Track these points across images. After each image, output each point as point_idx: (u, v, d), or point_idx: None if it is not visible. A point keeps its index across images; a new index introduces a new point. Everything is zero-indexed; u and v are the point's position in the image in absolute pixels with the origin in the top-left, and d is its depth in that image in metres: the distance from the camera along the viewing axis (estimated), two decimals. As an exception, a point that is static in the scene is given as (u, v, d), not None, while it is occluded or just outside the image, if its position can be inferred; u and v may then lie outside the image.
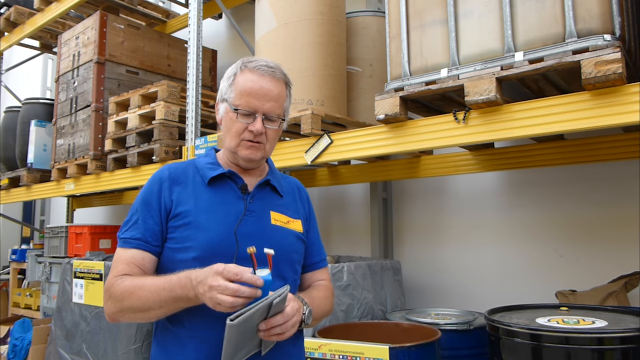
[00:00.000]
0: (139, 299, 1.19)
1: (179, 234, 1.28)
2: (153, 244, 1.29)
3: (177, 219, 1.29)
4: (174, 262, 1.27)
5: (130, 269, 1.26)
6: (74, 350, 3.03)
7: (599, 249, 2.51)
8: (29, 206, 7.16)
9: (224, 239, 1.27)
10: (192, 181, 1.35)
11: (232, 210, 1.32)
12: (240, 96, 1.32)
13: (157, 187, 1.33)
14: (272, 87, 1.34)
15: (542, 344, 1.61)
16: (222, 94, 1.37)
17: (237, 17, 4.27)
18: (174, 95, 3.22)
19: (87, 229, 4.02)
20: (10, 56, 6.75)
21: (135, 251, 1.28)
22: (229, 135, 1.35)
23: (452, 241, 3.07)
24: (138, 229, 1.29)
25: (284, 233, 1.37)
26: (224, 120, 1.36)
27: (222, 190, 1.35)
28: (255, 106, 1.31)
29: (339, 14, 2.64)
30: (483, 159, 2.69)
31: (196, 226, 1.27)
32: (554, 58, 1.61)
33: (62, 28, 4.85)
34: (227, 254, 1.25)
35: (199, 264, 1.19)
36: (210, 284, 1.07)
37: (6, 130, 4.91)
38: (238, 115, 1.31)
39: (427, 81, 1.89)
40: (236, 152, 1.35)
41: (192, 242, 1.26)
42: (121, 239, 1.30)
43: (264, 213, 1.36)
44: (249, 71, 1.34)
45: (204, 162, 1.40)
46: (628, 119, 1.52)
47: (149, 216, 1.30)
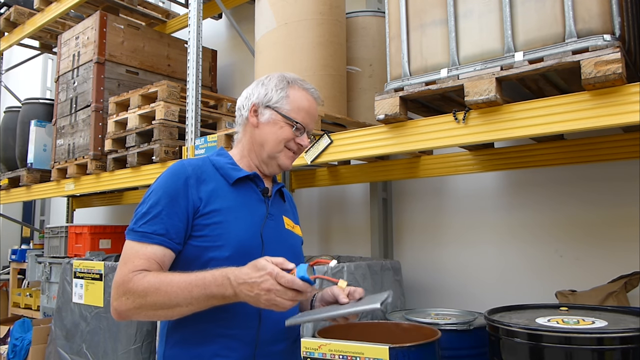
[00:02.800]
0: (167, 295, 1.15)
1: (210, 232, 1.28)
2: (176, 242, 1.26)
3: (208, 217, 1.29)
4: (204, 260, 1.26)
5: (149, 264, 1.22)
6: (74, 350, 3.03)
7: (599, 249, 2.51)
8: (29, 206, 7.16)
9: (252, 240, 1.31)
10: (214, 180, 1.35)
11: (256, 212, 1.37)
12: (298, 111, 1.41)
13: (183, 182, 1.30)
14: (317, 111, 1.49)
15: (542, 344, 1.61)
16: (267, 100, 1.41)
17: (237, 17, 4.27)
18: (174, 95, 3.22)
19: (87, 229, 4.02)
20: (10, 56, 6.75)
21: (158, 247, 1.24)
22: (272, 141, 1.40)
23: (452, 241, 3.07)
24: (162, 224, 1.25)
25: (295, 238, 1.47)
26: (269, 127, 1.40)
27: (245, 192, 1.38)
28: (307, 123, 1.43)
29: (339, 14, 2.64)
30: (483, 159, 2.69)
31: (228, 225, 1.29)
32: (553, 58, 1.61)
33: (62, 28, 4.85)
34: (254, 255, 1.24)
35: (230, 262, 1.20)
36: (267, 287, 1.09)
37: (6, 130, 4.91)
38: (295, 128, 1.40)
39: (427, 81, 1.89)
40: (276, 158, 1.41)
41: (225, 241, 1.27)
42: (139, 233, 1.25)
43: (280, 217, 1.44)
44: (303, 90, 1.44)
45: (223, 162, 1.41)
46: (628, 119, 1.52)
47: (174, 212, 1.26)
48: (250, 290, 1.10)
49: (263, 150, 1.41)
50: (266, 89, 1.42)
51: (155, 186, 1.32)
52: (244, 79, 4.40)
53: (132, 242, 1.25)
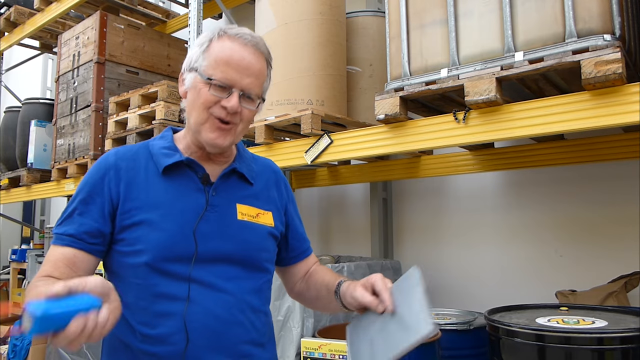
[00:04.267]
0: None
1: (128, 235, 1.10)
2: (88, 242, 1.09)
3: (126, 217, 1.10)
4: (124, 268, 1.11)
5: (55, 269, 1.07)
6: (73, 350, 3.03)
7: (599, 249, 2.51)
8: (29, 206, 7.16)
9: (181, 240, 1.09)
10: (144, 169, 1.15)
11: (190, 205, 1.13)
12: (216, 65, 1.11)
13: (100, 176, 1.13)
14: (254, 61, 1.13)
15: (542, 343, 1.61)
16: (190, 62, 1.16)
17: (237, 17, 4.27)
18: (174, 95, 3.22)
19: (87, 229, 4.02)
20: (10, 56, 6.75)
21: (67, 249, 1.09)
22: (195, 110, 1.13)
23: (452, 241, 3.07)
24: (72, 224, 1.10)
25: (252, 229, 1.19)
26: (190, 93, 1.15)
27: (179, 182, 1.15)
28: (233, 79, 1.11)
29: (339, 14, 2.64)
30: (483, 159, 2.69)
31: (148, 225, 1.09)
32: (554, 58, 1.61)
33: (62, 28, 4.85)
34: (184, 257, 1.09)
35: (151, 269, 1.07)
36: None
37: (6, 130, 4.91)
38: (210, 87, 1.10)
39: (427, 81, 1.89)
40: (200, 133, 1.14)
41: (144, 245, 1.08)
42: (55, 235, 1.12)
43: (229, 207, 1.17)
44: (229, 38, 1.13)
45: (159, 147, 1.19)
46: (628, 119, 1.52)
47: (86, 210, 1.10)
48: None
49: (190, 124, 1.17)
50: (192, 50, 1.17)
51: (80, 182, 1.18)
52: (244, 79, 4.39)
53: (51, 246, 1.12)
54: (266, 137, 2.46)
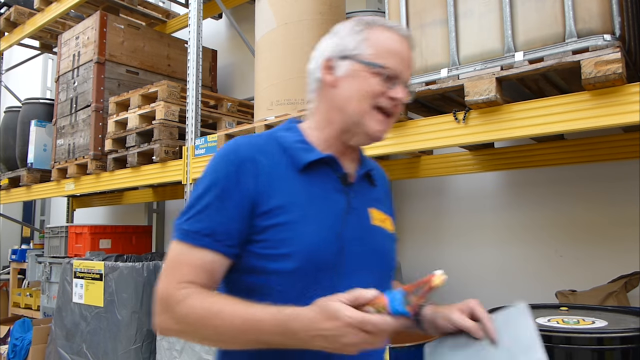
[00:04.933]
0: (214, 330, 0.92)
1: (270, 236, 0.98)
2: (227, 244, 0.97)
3: (268, 217, 0.98)
4: (264, 274, 0.98)
5: (197, 275, 0.96)
6: (74, 350, 3.03)
7: (599, 249, 2.51)
8: (29, 206, 7.16)
9: (328, 246, 0.99)
10: (278, 164, 1.03)
11: (332, 207, 1.04)
12: (385, 54, 1.04)
13: (235, 169, 0.99)
14: (411, 55, 1.10)
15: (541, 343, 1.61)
16: (343, 49, 1.07)
17: (237, 17, 4.27)
18: (174, 95, 3.22)
19: (87, 229, 4.03)
20: (10, 56, 6.75)
21: (205, 251, 0.96)
22: (357, 99, 1.04)
23: (452, 241, 3.07)
24: (208, 222, 0.97)
25: (384, 236, 1.12)
26: (348, 81, 1.06)
27: (319, 180, 1.05)
28: (400, 70, 1.06)
29: (339, 14, 2.64)
30: (483, 159, 2.69)
31: (294, 228, 0.98)
32: (554, 58, 1.61)
33: (62, 28, 4.85)
34: (332, 266, 0.99)
35: (297, 277, 0.96)
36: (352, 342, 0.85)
37: (6, 130, 4.91)
38: (379, 76, 1.03)
39: (427, 81, 1.89)
40: (362, 124, 1.05)
41: (291, 249, 0.97)
42: (183, 231, 0.98)
43: (364, 210, 1.09)
44: (387, 30, 1.07)
45: (292, 140, 1.08)
46: (628, 119, 1.52)
47: (223, 207, 0.97)
48: (329, 343, 0.86)
49: (345, 115, 1.06)
50: (340, 37, 1.09)
51: (204, 172, 1.03)
52: (244, 79, 4.39)
53: (178, 242, 0.99)
54: (266, 137, 2.45)
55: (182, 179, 2.98)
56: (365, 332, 0.84)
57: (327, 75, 1.08)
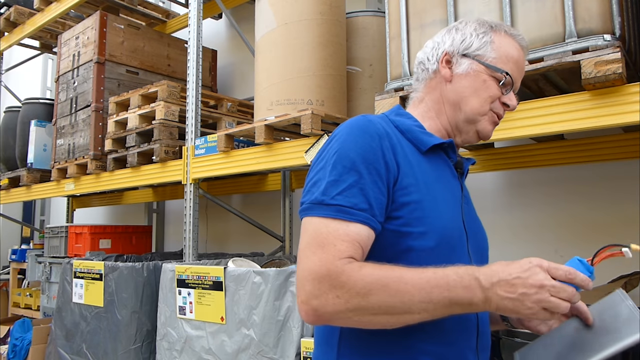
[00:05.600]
0: (398, 296, 0.84)
1: (407, 214, 0.95)
2: (379, 219, 0.93)
3: (404, 193, 0.96)
4: (400, 250, 0.95)
5: (355, 251, 0.89)
6: (74, 350, 3.03)
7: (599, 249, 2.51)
8: (29, 206, 7.16)
9: (457, 227, 1.02)
10: (403, 145, 1.02)
11: (452, 192, 1.06)
12: (507, 62, 1.08)
13: (377, 143, 0.96)
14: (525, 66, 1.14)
15: (542, 344, 1.61)
16: (466, 47, 1.09)
17: (237, 17, 4.27)
18: (174, 95, 3.22)
19: (87, 229, 4.03)
20: (10, 56, 6.75)
21: (362, 227, 0.90)
22: (477, 99, 1.07)
23: (452, 241, 3.07)
24: (362, 196, 0.91)
25: (483, 229, 1.17)
26: (468, 80, 1.08)
27: (439, 164, 1.07)
28: (517, 79, 1.11)
29: (339, 14, 2.64)
30: (483, 159, 2.69)
31: (430, 206, 0.97)
32: (553, 58, 1.61)
33: (62, 28, 4.85)
34: (459, 246, 1.01)
35: (435, 256, 0.94)
36: (539, 283, 0.83)
37: (6, 130, 4.91)
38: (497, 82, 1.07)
39: (427, 81, 1.89)
40: (476, 123, 1.08)
41: (427, 227, 0.95)
42: (333, 207, 0.90)
43: (470, 199, 1.16)
44: (510, 37, 1.10)
45: (409, 124, 1.08)
46: (628, 119, 1.52)
47: (373, 181, 0.92)
48: (511, 290, 0.83)
49: (459, 112, 1.09)
50: (463, 34, 1.10)
51: (340, 145, 0.96)
52: (244, 79, 4.40)
53: (325, 219, 0.90)
54: (266, 137, 2.46)
55: (182, 179, 2.98)
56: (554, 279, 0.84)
57: (445, 69, 1.10)
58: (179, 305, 2.52)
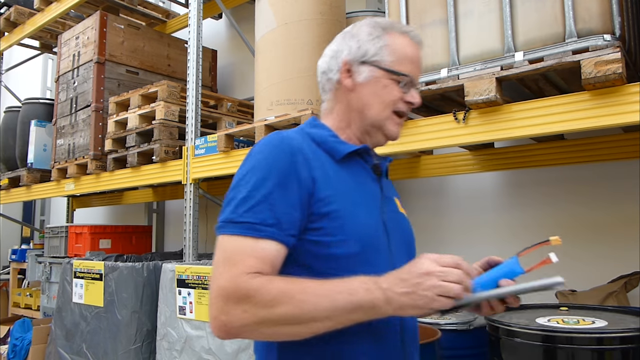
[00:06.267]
0: (302, 306, 0.87)
1: (327, 224, 0.99)
2: (290, 233, 0.95)
3: (323, 205, 0.99)
4: (324, 258, 0.99)
5: (263, 265, 0.92)
6: (74, 350, 3.04)
7: (599, 249, 2.51)
8: (29, 206, 7.16)
9: (376, 230, 1.05)
10: (319, 156, 1.06)
11: (371, 195, 1.10)
12: (402, 61, 1.10)
13: (289, 159, 0.99)
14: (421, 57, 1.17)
15: (542, 343, 1.61)
16: (362, 54, 1.11)
17: (237, 17, 4.27)
18: (174, 95, 3.22)
19: (87, 229, 4.03)
20: (10, 56, 6.75)
21: (269, 242, 0.93)
22: (378, 104, 1.10)
23: (452, 241, 3.07)
24: (271, 211, 0.94)
25: (407, 222, 1.21)
26: (369, 87, 1.10)
27: (355, 170, 1.10)
28: (416, 76, 1.13)
29: (339, 14, 2.64)
30: (483, 159, 2.69)
31: (349, 214, 1.01)
32: (554, 58, 1.61)
33: (62, 28, 4.85)
34: (381, 247, 1.05)
35: (358, 260, 0.99)
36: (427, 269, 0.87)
37: (6, 130, 4.91)
38: (396, 83, 1.09)
39: (427, 81, 1.89)
40: (382, 127, 1.12)
41: (347, 235, 0.99)
42: (242, 224, 0.94)
43: (392, 199, 1.18)
44: (403, 36, 1.12)
45: (324, 135, 1.11)
46: (628, 119, 1.52)
47: (283, 196, 0.96)
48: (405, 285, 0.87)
49: (364, 118, 1.12)
50: (358, 41, 1.12)
51: (252, 164, 1.00)
52: (244, 79, 4.40)
53: (234, 237, 0.93)
54: (266, 137, 2.45)
55: (182, 179, 2.98)
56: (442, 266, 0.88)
57: (347, 79, 1.13)
58: (179, 305, 2.52)
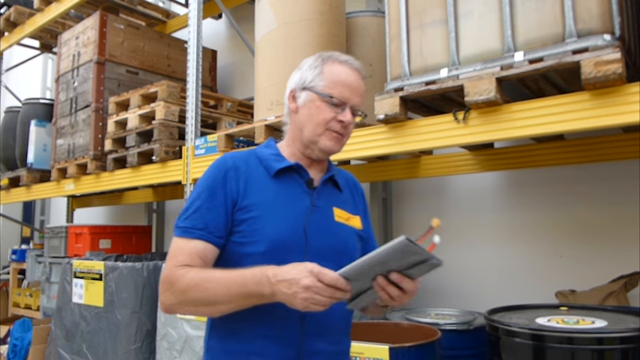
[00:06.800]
0: (206, 292, 1.14)
1: (246, 228, 1.25)
2: (216, 235, 1.24)
3: (244, 212, 1.25)
4: (240, 256, 1.24)
5: (192, 260, 1.21)
6: (74, 350, 3.04)
7: (599, 249, 2.51)
8: (29, 206, 7.15)
9: (293, 234, 1.25)
10: (256, 172, 1.31)
11: (299, 205, 1.30)
12: (334, 85, 1.30)
13: (222, 175, 1.28)
14: (360, 83, 1.35)
15: (542, 343, 1.61)
16: (302, 82, 1.34)
17: (237, 17, 4.27)
18: (174, 95, 3.22)
19: (87, 229, 4.02)
20: (10, 56, 6.75)
21: (198, 242, 1.22)
22: (312, 124, 1.31)
23: (452, 241, 3.07)
24: (201, 219, 1.23)
25: (346, 231, 1.37)
26: (306, 109, 1.32)
27: (288, 184, 1.32)
28: (347, 97, 1.31)
29: (339, 14, 2.64)
30: (483, 159, 2.69)
31: (265, 220, 1.25)
32: (553, 58, 1.61)
33: (62, 28, 4.86)
34: (295, 249, 1.24)
35: (267, 258, 1.18)
36: (307, 284, 1.05)
37: (6, 130, 4.91)
38: (328, 105, 1.30)
39: (427, 81, 1.89)
40: (317, 142, 1.32)
41: (261, 237, 1.23)
42: (181, 228, 1.24)
43: (328, 209, 1.35)
44: (339, 64, 1.34)
45: (267, 153, 1.36)
46: (628, 119, 1.52)
47: (212, 206, 1.24)
48: (288, 287, 1.06)
49: (303, 136, 1.34)
50: (302, 72, 1.36)
51: (198, 182, 1.32)
52: (244, 79, 4.39)
53: (177, 238, 1.25)
54: (266, 137, 2.46)
55: (182, 179, 2.98)
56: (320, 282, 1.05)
57: (292, 104, 1.36)
58: (179, 305, 2.52)
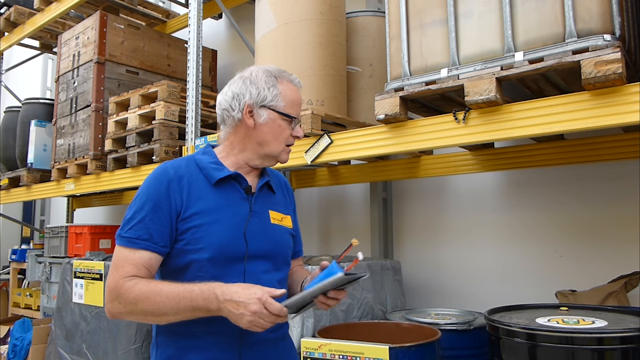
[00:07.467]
0: (156, 304, 1.21)
1: (190, 236, 1.30)
2: (161, 245, 1.29)
3: (188, 221, 1.31)
4: (186, 262, 1.31)
5: (138, 270, 1.26)
6: (74, 350, 3.04)
7: (599, 249, 2.51)
8: (29, 206, 7.16)
9: (234, 240, 1.32)
10: (196, 181, 1.36)
11: (238, 211, 1.37)
12: (292, 105, 1.41)
13: (165, 187, 1.32)
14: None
15: (542, 344, 1.61)
16: (261, 99, 1.39)
17: (237, 17, 4.27)
18: (174, 95, 3.22)
19: (87, 229, 4.02)
20: (10, 56, 6.75)
21: (144, 252, 1.27)
22: (277, 141, 1.40)
23: (452, 241, 3.07)
24: (146, 229, 1.28)
25: (281, 231, 1.46)
26: (268, 127, 1.39)
27: (228, 192, 1.38)
28: (298, 114, 1.46)
29: (339, 14, 2.64)
30: (483, 159, 2.69)
31: (208, 228, 1.30)
32: (554, 58, 1.61)
33: (62, 28, 4.85)
34: (237, 255, 1.32)
35: (211, 264, 1.29)
36: (253, 310, 1.14)
37: (6, 130, 4.91)
38: (287, 123, 1.40)
39: (427, 81, 1.89)
40: (277, 157, 1.43)
41: (205, 244, 1.29)
42: (125, 238, 1.28)
43: (265, 213, 1.43)
44: (289, 83, 1.44)
45: (206, 162, 1.41)
46: (628, 119, 1.52)
47: (157, 217, 1.29)
48: (235, 308, 1.15)
49: (262, 150, 1.41)
50: (257, 88, 1.39)
51: (139, 191, 1.35)
52: (244, 79, 4.39)
53: (121, 247, 1.29)
54: (266, 137, 2.46)
55: (182, 179, 2.98)
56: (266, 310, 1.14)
57: (249, 119, 1.39)
58: (179, 305, 2.52)
